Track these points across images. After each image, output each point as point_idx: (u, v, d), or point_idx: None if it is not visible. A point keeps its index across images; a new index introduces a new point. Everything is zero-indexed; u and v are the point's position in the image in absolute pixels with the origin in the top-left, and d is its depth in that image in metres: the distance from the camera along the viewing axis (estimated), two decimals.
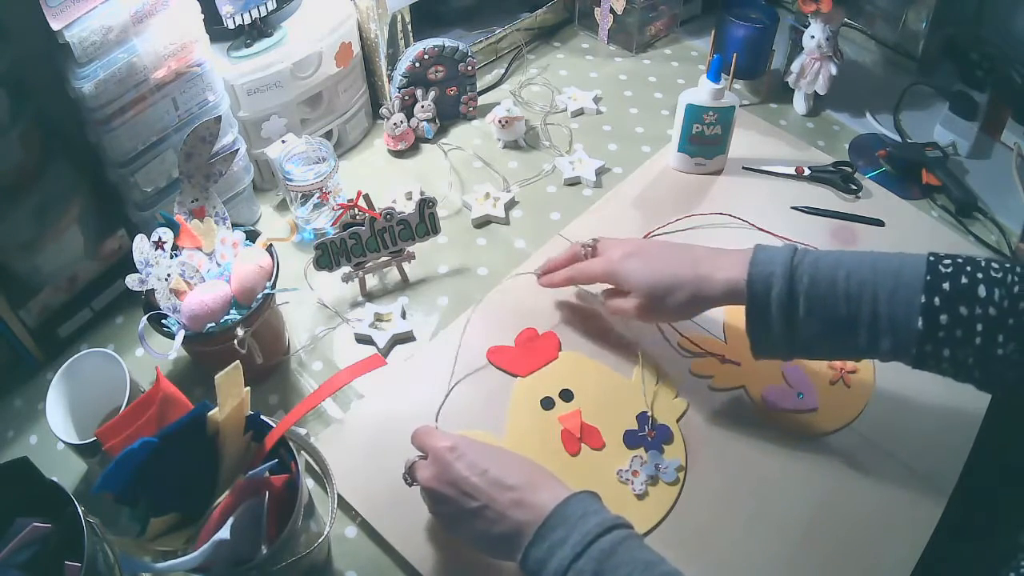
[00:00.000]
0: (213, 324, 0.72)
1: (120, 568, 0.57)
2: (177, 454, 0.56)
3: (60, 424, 0.71)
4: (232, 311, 0.74)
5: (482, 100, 1.14)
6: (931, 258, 0.61)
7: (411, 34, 1.07)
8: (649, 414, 0.79)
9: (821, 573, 0.69)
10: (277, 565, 0.59)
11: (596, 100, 1.16)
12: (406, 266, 0.92)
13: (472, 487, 0.59)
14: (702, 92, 0.96)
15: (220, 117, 0.79)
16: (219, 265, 0.77)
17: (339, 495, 0.70)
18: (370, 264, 0.89)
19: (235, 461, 0.61)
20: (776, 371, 0.83)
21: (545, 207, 1.01)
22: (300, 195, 0.92)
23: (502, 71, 1.20)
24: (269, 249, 0.79)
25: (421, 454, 0.67)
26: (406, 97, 1.06)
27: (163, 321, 0.72)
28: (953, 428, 0.78)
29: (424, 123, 1.07)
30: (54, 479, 0.57)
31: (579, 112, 1.14)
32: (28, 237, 0.79)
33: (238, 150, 0.89)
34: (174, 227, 0.74)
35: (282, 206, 1.01)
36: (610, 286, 0.78)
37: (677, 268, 0.69)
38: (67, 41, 0.72)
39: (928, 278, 0.60)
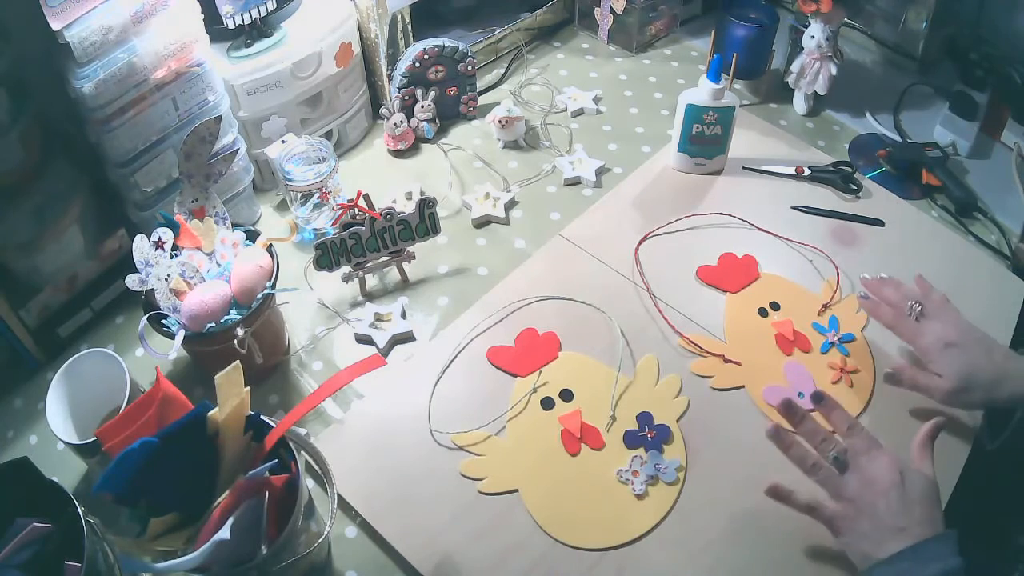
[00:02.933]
0: (213, 324, 0.72)
1: (120, 568, 0.57)
2: (177, 454, 0.56)
3: (60, 424, 0.71)
4: (232, 311, 0.74)
5: (482, 100, 1.14)
6: None
7: (411, 34, 1.07)
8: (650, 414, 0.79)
9: (821, 573, 0.69)
10: (277, 565, 0.59)
11: (596, 100, 1.16)
12: (406, 266, 0.92)
13: (902, 510, 0.64)
14: (702, 92, 0.96)
15: (220, 117, 0.79)
16: (219, 265, 0.77)
17: (339, 495, 0.70)
18: (370, 264, 0.89)
19: (235, 461, 0.61)
20: (777, 371, 0.83)
21: (545, 207, 1.01)
22: (300, 195, 0.92)
23: (502, 71, 1.20)
24: (269, 249, 0.79)
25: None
26: (406, 97, 1.06)
27: (163, 321, 0.72)
28: (953, 429, 0.78)
29: (424, 123, 1.07)
30: (54, 479, 0.57)
31: (579, 112, 1.14)
32: (28, 237, 0.79)
33: (238, 150, 0.89)
34: (174, 227, 0.74)
35: (282, 206, 1.01)
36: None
37: (986, 372, 0.74)
38: (67, 41, 0.72)
39: None
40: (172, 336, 0.71)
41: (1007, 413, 0.72)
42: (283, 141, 0.95)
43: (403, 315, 0.88)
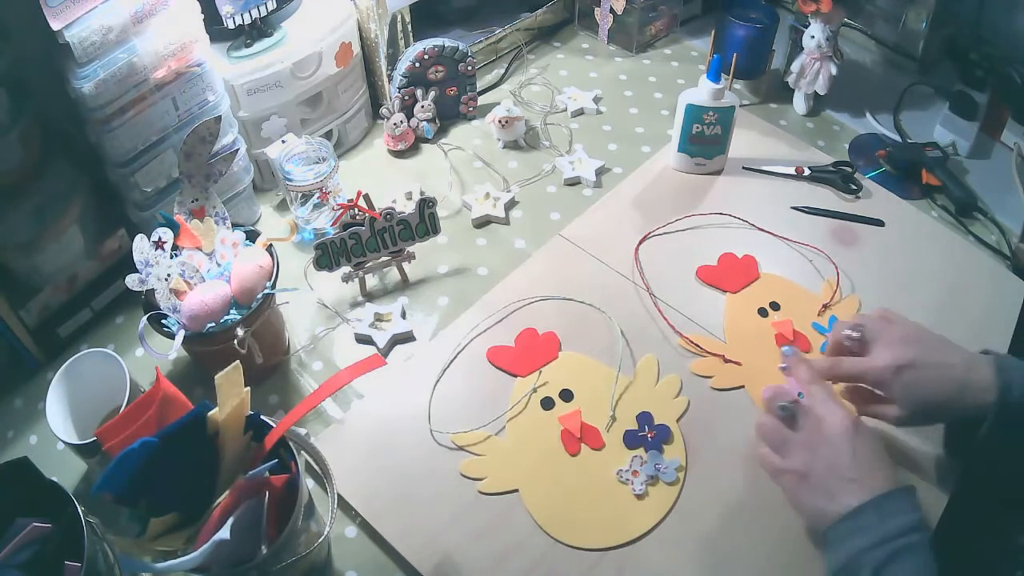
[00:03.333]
0: (213, 324, 0.72)
1: (120, 568, 0.57)
2: (177, 454, 0.56)
3: (60, 424, 0.71)
4: (232, 311, 0.74)
5: (482, 100, 1.14)
6: None
7: (411, 34, 1.07)
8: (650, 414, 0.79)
9: (820, 574, 0.69)
10: (277, 565, 0.59)
11: (596, 100, 1.16)
12: (406, 266, 0.92)
13: (853, 462, 0.63)
14: (702, 92, 0.96)
15: (220, 117, 0.79)
16: (219, 265, 0.77)
17: (339, 495, 0.70)
18: (370, 264, 0.89)
19: (235, 461, 0.61)
20: (777, 371, 0.82)
21: (545, 207, 1.01)
22: (300, 195, 0.92)
23: (502, 71, 1.20)
24: (269, 249, 0.79)
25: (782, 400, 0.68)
26: (406, 97, 1.06)
27: (163, 321, 0.72)
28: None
29: (424, 123, 1.07)
30: (54, 479, 0.57)
31: (579, 112, 1.14)
32: (28, 237, 0.79)
33: (238, 150, 0.89)
34: (174, 227, 0.74)
35: (282, 206, 1.01)
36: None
37: (946, 390, 0.67)
38: (67, 41, 0.72)
39: None
40: (172, 336, 0.71)
41: (965, 424, 0.68)
42: (283, 141, 0.95)
43: (403, 315, 0.88)
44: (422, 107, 1.07)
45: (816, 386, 0.69)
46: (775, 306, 0.89)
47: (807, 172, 1.03)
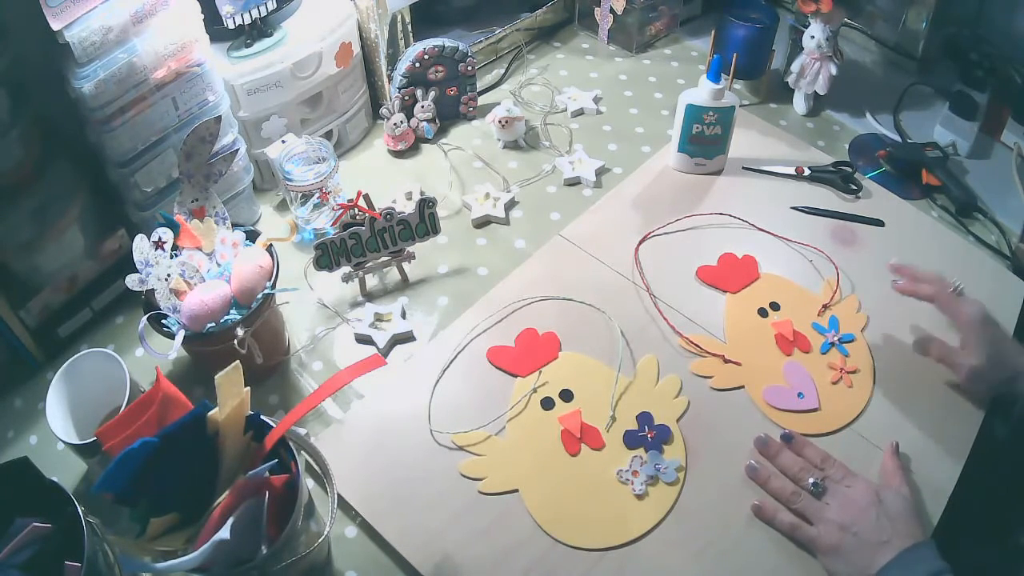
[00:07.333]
0: (213, 324, 0.72)
1: (120, 568, 0.57)
2: (177, 454, 0.56)
3: (60, 424, 0.71)
4: (232, 311, 0.74)
5: (482, 100, 1.14)
6: None
7: (411, 34, 1.07)
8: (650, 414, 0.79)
9: (820, 573, 0.69)
10: (277, 565, 0.59)
11: (596, 100, 1.16)
12: (406, 266, 0.92)
13: (884, 526, 0.67)
14: (702, 92, 0.96)
15: (220, 117, 0.79)
16: (219, 265, 0.77)
17: (339, 495, 0.70)
18: (370, 264, 0.89)
19: (235, 461, 0.61)
20: (777, 371, 0.83)
21: (545, 207, 1.01)
22: (300, 195, 0.92)
23: (502, 71, 1.20)
24: (269, 249, 0.79)
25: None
26: (406, 97, 1.06)
27: (163, 321, 0.72)
28: (953, 429, 0.78)
29: (424, 123, 1.07)
30: (54, 479, 0.57)
31: (579, 112, 1.14)
32: (28, 237, 0.79)
33: (238, 150, 0.89)
34: (174, 227, 0.74)
35: (282, 206, 1.01)
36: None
37: (1012, 354, 0.77)
38: (67, 41, 0.72)
39: None
40: (172, 336, 0.71)
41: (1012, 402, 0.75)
42: (283, 141, 0.95)
43: (403, 315, 0.88)
44: (422, 107, 1.07)
45: (832, 468, 0.73)
46: (775, 306, 0.89)
47: (807, 172, 1.03)
